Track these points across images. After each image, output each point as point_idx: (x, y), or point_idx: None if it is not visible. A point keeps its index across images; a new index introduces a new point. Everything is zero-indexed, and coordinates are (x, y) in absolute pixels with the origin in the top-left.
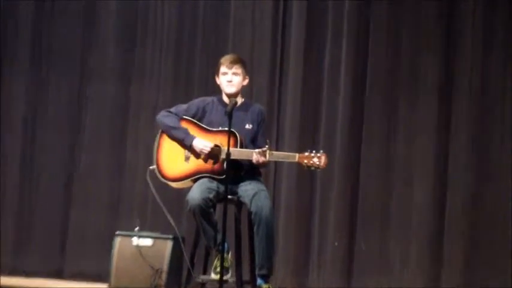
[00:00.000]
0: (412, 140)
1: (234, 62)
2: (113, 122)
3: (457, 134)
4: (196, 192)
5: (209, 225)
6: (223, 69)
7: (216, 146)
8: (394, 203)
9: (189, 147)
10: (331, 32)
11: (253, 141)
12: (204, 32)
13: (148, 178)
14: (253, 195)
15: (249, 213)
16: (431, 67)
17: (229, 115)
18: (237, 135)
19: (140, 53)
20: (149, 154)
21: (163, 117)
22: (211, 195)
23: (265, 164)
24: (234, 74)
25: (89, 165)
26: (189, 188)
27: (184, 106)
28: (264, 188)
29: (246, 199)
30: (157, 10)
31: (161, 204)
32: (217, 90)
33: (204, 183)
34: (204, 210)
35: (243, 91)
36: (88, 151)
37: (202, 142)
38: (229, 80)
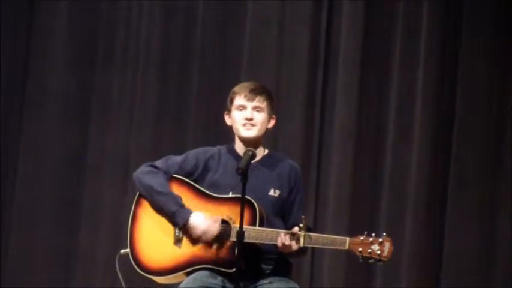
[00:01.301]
0: None
1: (256, 92)
2: (59, 182)
3: None
4: None
5: None
6: (239, 101)
7: (223, 221)
8: None
9: (182, 227)
10: (401, 49)
11: (281, 216)
12: (203, 48)
13: (117, 268)
14: None
15: None
16: None
17: (243, 173)
18: (256, 205)
19: (103, 79)
20: (117, 231)
21: (145, 174)
22: None
23: (295, 253)
24: (257, 109)
25: (21, 251)
26: (179, 283)
27: (177, 159)
28: (297, 286)
29: None
30: (131, 17)
31: None
32: (227, 136)
33: (199, 278)
34: None
35: (267, 139)
36: (20, 225)
37: (203, 223)
38: (248, 117)
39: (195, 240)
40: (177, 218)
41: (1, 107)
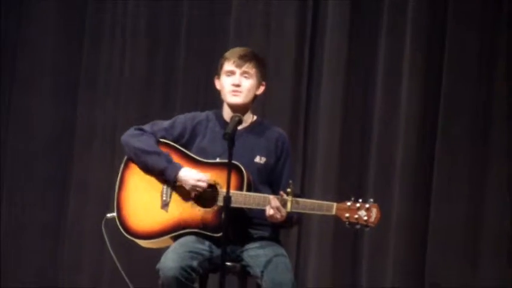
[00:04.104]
0: None
1: (245, 58)
2: (48, 156)
3: None
4: (173, 258)
5: None
6: (228, 66)
7: (210, 186)
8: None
9: (172, 183)
10: (388, 20)
11: (269, 184)
12: (190, 23)
13: (103, 231)
14: (267, 264)
15: None
16: None
17: (230, 139)
18: (243, 170)
19: (91, 54)
20: (104, 196)
21: (132, 137)
22: (195, 263)
23: (284, 222)
24: (245, 75)
25: (13, 219)
26: (167, 248)
27: (164, 123)
28: (284, 253)
29: (255, 269)
30: None
31: (123, 273)
32: (216, 102)
33: (186, 243)
34: (183, 285)
35: (256, 107)
36: (11, 200)
37: (195, 173)
38: (235, 83)
39: (185, 196)
40: (168, 172)
41: None
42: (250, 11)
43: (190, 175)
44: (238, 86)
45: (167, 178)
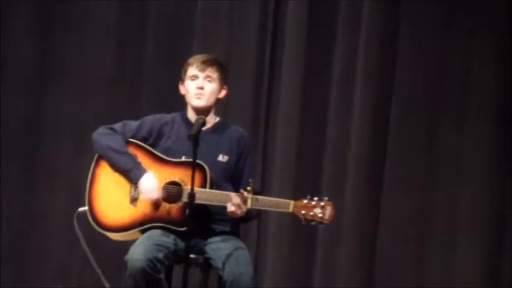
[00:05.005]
0: (463, 183)
1: (208, 63)
2: (17, 146)
3: None
4: (140, 250)
5: None
6: (191, 71)
7: (176, 183)
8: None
9: (135, 183)
10: (344, 23)
11: (231, 181)
12: (157, 19)
13: (75, 225)
14: (228, 257)
15: (222, 282)
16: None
17: (194, 140)
18: (206, 169)
19: (60, 46)
20: (75, 191)
21: (103, 135)
22: (161, 255)
23: (244, 218)
24: (208, 79)
25: None
26: (134, 240)
27: (132, 125)
28: (244, 246)
29: (217, 262)
30: None
31: (95, 265)
32: (179, 102)
33: (152, 237)
34: (150, 276)
35: (219, 107)
36: None
37: (152, 183)
38: (199, 86)
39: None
40: (133, 174)
41: None
42: (214, 8)
43: (144, 183)
44: (202, 88)
45: (131, 178)
